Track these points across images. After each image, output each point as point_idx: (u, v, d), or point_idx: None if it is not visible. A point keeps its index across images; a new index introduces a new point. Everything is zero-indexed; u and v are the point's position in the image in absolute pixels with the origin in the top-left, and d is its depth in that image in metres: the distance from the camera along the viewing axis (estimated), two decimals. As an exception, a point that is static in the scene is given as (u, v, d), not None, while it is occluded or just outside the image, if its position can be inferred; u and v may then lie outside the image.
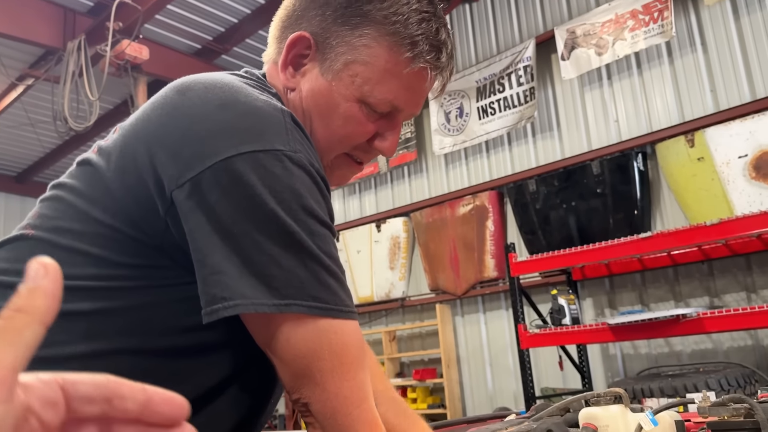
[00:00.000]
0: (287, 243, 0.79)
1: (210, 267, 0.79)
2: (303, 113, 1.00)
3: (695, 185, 5.00)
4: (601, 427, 1.20)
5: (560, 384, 5.73)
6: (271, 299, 0.78)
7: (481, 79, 6.54)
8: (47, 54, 6.85)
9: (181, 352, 0.88)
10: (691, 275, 5.12)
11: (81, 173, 0.93)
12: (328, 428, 0.81)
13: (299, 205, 0.81)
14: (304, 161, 0.83)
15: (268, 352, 0.84)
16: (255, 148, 0.80)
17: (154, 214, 0.84)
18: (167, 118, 0.86)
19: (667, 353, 5.20)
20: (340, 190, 8.03)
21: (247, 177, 0.79)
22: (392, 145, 1.05)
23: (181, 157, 0.82)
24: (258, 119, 0.83)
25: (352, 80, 0.97)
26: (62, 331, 0.83)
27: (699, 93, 5.20)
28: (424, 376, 6.64)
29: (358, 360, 0.84)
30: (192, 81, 0.90)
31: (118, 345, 0.84)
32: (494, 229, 6.38)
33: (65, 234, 0.88)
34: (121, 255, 0.86)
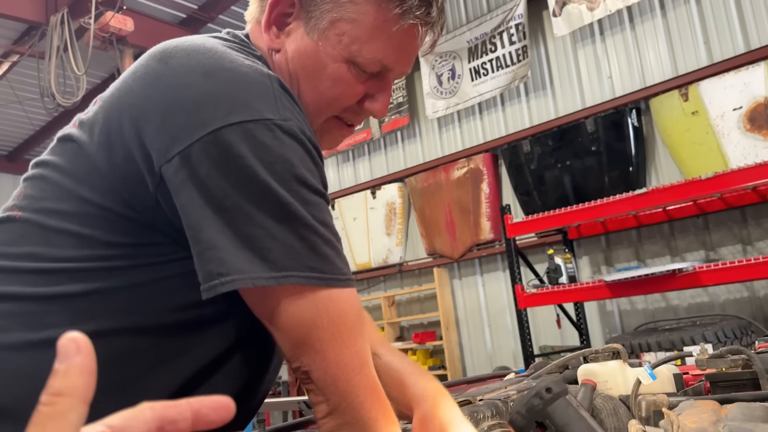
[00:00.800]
0: (281, 214, 0.78)
1: (204, 242, 0.78)
2: (289, 75, 0.97)
3: (690, 139, 4.98)
4: (599, 382, 1.21)
5: (558, 342, 5.79)
6: (268, 272, 0.77)
7: (472, 39, 6.45)
8: (31, 29, 6.72)
9: (180, 327, 0.87)
10: (686, 230, 5.14)
11: (63, 150, 0.90)
12: (329, 395, 0.81)
13: (292, 175, 0.79)
14: (295, 129, 0.81)
15: (266, 323, 0.83)
16: (244, 118, 0.78)
17: (143, 191, 0.82)
18: (151, 89, 0.82)
19: (663, 308, 5.25)
20: (334, 157, 7.98)
21: (237, 149, 0.76)
22: (383, 105, 1.01)
23: (167, 131, 0.79)
24: (245, 86, 0.80)
25: (339, 39, 0.93)
26: (57, 313, 0.83)
27: (692, 46, 5.14)
28: (424, 339, 6.71)
29: (357, 327, 0.83)
30: (173, 47, 0.86)
31: (116, 324, 0.84)
32: (489, 191, 6.37)
33: (53, 215, 0.86)
34: (112, 234, 0.84)
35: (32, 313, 0.83)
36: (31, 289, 0.84)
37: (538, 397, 0.71)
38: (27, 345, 0.82)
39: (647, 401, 0.89)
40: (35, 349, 0.81)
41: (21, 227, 0.88)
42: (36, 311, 0.83)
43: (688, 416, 0.78)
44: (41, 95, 6.45)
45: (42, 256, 0.85)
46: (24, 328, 0.82)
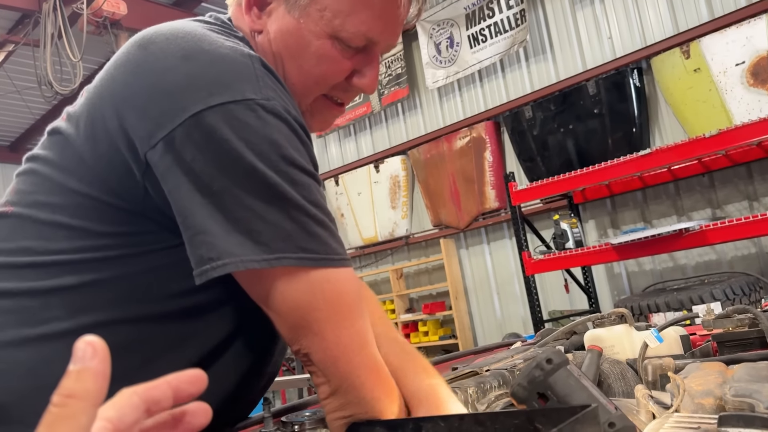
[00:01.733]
0: (270, 196, 0.76)
1: (194, 228, 0.77)
2: (273, 56, 0.95)
3: (692, 97, 4.92)
4: (606, 347, 1.21)
5: (567, 306, 5.81)
6: (260, 254, 0.75)
7: (469, 5, 6.36)
8: (24, 18, 6.66)
9: (178, 315, 0.87)
10: (692, 189, 5.11)
11: (52, 143, 0.90)
12: (330, 376, 0.80)
13: (279, 155, 0.77)
14: (279, 108, 0.79)
15: (263, 306, 0.82)
16: (225, 99, 0.76)
17: (131, 179, 0.82)
18: (131, 77, 0.82)
19: (671, 268, 5.25)
20: (335, 133, 7.95)
21: (220, 131, 0.75)
22: (372, 80, 0.98)
23: (150, 116, 0.78)
24: (225, 68, 0.79)
25: (321, 15, 0.90)
26: (54, 307, 0.83)
27: (692, 2, 5.05)
28: (434, 310, 6.75)
29: (355, 307, 0.82)
30: (153, 33, 0.85)
31: (113, 315, 0.84)
32: (492, 159, 6.34)
33: (44, 208, 0.86)
34: (103, 224, 0.84)
35: (29, 309, 0.83)
36: (27, 284, 0.84)
37: (539, 368, 0.71)
38: (25, 341, 0.82)
39: (653, 365, 0.89)
40: (34, 344, 0.82)
41: (13, 222, 0.88)
42: (33, 306, 0.83)
43: (694, 379, 0.78)
44: (39, 84, 6.43)
45: (35, 249, 0.85)
46: (21, 324, 0.83)
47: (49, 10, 6.01)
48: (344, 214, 7.74)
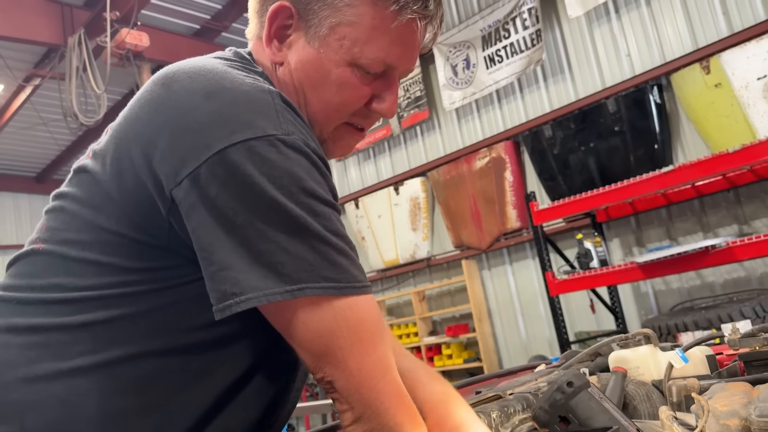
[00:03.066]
0: (292, 228, 0.78)
1: (217, 264, 0.79)
2: (295, 87, 0.98)
3: (714, 113, 4.87)
4: (631, 368, 1.19)
5: (594, 327, 5.72)
6: (283, 286, 0.77)
7: (485, 27, 6.40)
8: (50, 52, 6.85)
9: (204, 347, 0.88)
10: (717, 205, 5.03)
11: (79, 181, 0.93)
12: (354, 403, 0.81)
13: (299, 188, 0.80)
14: (299, 143, 0.82)
15: (286, 337, 0.84)
16: (247, 136, 0.79)
17: (157, 215, 0.84)
18: (155, 115, 0.84)
19: (699, 285, 5.15)
20: (355, 156, 7.99)
21: (243, 167, 0.78)
22: (392, 105, 1.01)
23: (175, 154, 0.80)
24: (246, 105, 0.82)
25: (340, 44, 0.93)
26: (85, 341, 0.85)
27: (711, 17, 5.03)
28: (457, 332, 6.69)
29: (377, 333, 0.83)
30: (175, 71, 0.88)
31: (141, 348, 0.85)
32: (513, 179, 6.32)
33: (74, 245, 0.88)
34: (130, 260, 0.86)
35: (61, 343, 0.85)
36: (58, 320, 0.86)
37: (560, 391, 0.70)
38: (58, 374, 0.84)
39: (678, 386, 0.88)
40: (66, 377, 0.84)
41: (44, 259, 0.91)
42: (65, 341, 0.85)
43: (719, 399, 0.76)
44: (64, 116, 6.58)
45: (66, 286, 0.87)
46: (55, 358, 0.85)
47: (74, 44, 6.17)
48: (365, 237, 7.75)
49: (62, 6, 6.36)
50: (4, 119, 7.88)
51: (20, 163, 9.68)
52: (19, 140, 8.67)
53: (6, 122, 7.92)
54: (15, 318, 0.88)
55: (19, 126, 8.16)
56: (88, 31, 6.22)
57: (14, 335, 0.87)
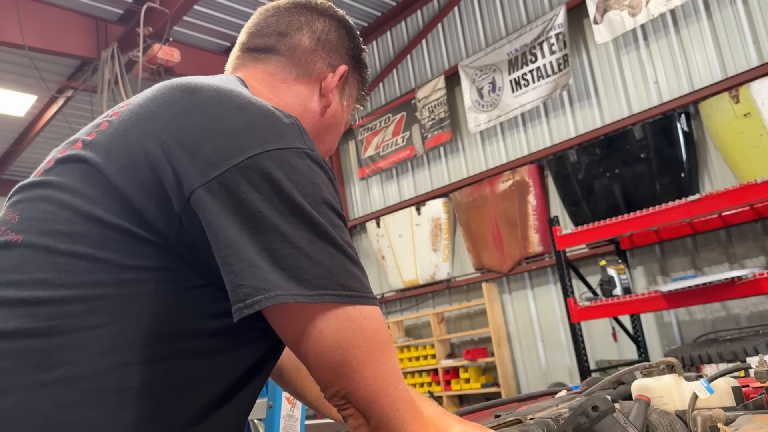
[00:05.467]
0: (315, 235, 0.81)
1: (246, 261, 0.79)
2: (323, 125, 1.19)
3: (743, 142, 4.81)
4: (655, 397, 1.16)
5: (615, 355, 5.63)
6: (304, 290, 0.79)
7: (512, 51, 6.42)
8: (83, 65, 7.01)
9: (195, 357, 0.86)
10: (744, 235, 4.95)
11: (69, 170, 0.88)
12: (370, 413, 0.82)
13: (321, 199, 0.84)
14: (321, 159, 0.88)
15: (300, 348, 0.82)
16: (280, 146, 0.83)
17: (168, 212, 0.83)
18: (180, 117, 0.86)
19: (724, 317, 5.06)
20: (378, 175, 8.02)
21: (275, 173, 0.81)
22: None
23: (201, 155, 0.82)
24: (276, 121, 0.87)
25: (348, 104, 1.25)
26: (71, 350, 0.80)
27: (741, 46, 4.99)
28: (476, 356, 6.62)
29: (388, 343, 0.85)
30: (199, 82, 0.92)
31: (130, 358, 0.81)
32: (536, 203, 6.28)
33: (63, 238, 0.83)
34: (128, 257, 0.82)
35: (43, 351, 0.79)
36: (41, 324, 0.80)
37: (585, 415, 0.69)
38: (40, 385, 0.78)
39: (703, 416, 0.86)
40: (49, 389, 0.78)
41: (23, 252, 0.84)
42: (47, 348, 0.79)
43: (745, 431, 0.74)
44: (95, 128, 6.69)
45: (51, 282, 0.81)
46: (36, 368, 0.78)
47: (107, 58, 6.30)
48: (385, 257, 7.74)
49: (97, 20, 6.51)
50: (36, 129, 8.05)
51: (49, 173, 9.86)
52: (50, 151, 8.81)
53: (38, 132, 8.09)
54: None
55: (50, 136, 8.33)
56: (121, 46, 6.35)
57: None
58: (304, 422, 1.85)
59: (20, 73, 6.90)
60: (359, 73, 1.26)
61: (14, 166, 9.32)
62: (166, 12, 5.93)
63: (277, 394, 1.74)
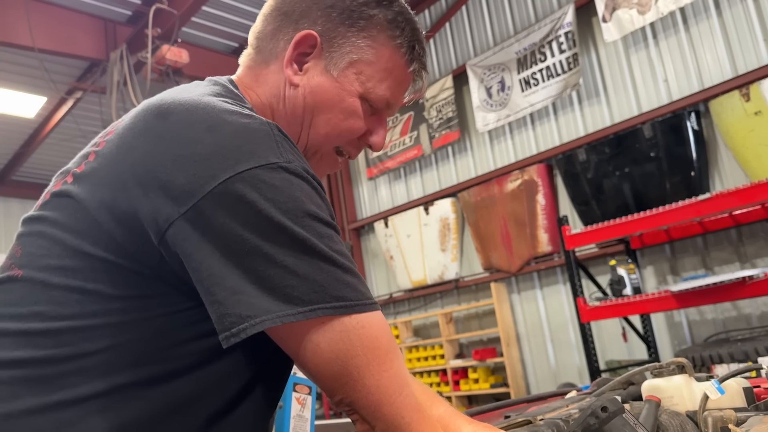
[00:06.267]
0: (300, 250, 0.80)
1: (229, 289, 0.79)
2: (304, 108, 1.05)
3: (754, 141, 4.77)
4: (664, 398, 1.15)
5: (625, 356, 5.60)
6: (295, 308, 0.78)
7: (521, 50, 6.40)
8: (92, 66, 7.05)
9: (190, 377, 0.87)
10: (755, 235, 4.91)
11: (60, 205, 0.91)
12: (374, 421, 0.82)
13: (303, 212, 0.82)
14: (299, 169, 0.84)
15: (299, 363, 0.84)
16: (251, 165, 0.81)
17: (147, 245, 0.83)
18: (153, 146, 0.84)
19: (735, 317, 5.02)
20: (386, 175, 8.01)
21: (249, 195, 0.79)
22: (382, 139, 1.13)
23: (175, 186, 0.80)
24: (248, 137, 0.83)
25: (357, 77, 1.04)
26: (70, 375, 0.83)
27: (751, 44, 4.95)
28: (484, 356, 6.60)
29: (391, 349, 0.84)
30: (170, 103, 0.88)
31: (127, 379, 0.84)
32: (545, 202, 6.26)
33: (56, 272, 0.86)
34: (117, 288, 0.84)
35: (44, 377, 0.83)
36: (41, 353, 0.84)
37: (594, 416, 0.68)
38: (42, 408, 0.82)
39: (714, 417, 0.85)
40: (51, 411, 0.82)
41: (23, 286, 0.88)
42: (48, 375, 0.83)
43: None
44: (103, 129, 6.73)
45: (48, 314, 0.85)
46: (37, 392, 0.82)
47: (116, 59, 6.33)
48: (393, 257, 7.74)
49: (106, 22, 6.54)
50: (46, 131, 8.10)
51: (59, 174, 9.92)
52: (59, 152, 8.89)
53: (47, 134, 8.14)
54: None
55: (59, 137, 8.38)
56: (129, 47, 6.39)
57: None
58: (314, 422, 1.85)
59: (30, 74, 6.94)
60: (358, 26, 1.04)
61: (24, 168, 9.39)
62: (175, 13, 5.95)
63: (287, 395, 1.74)
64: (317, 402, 6.97)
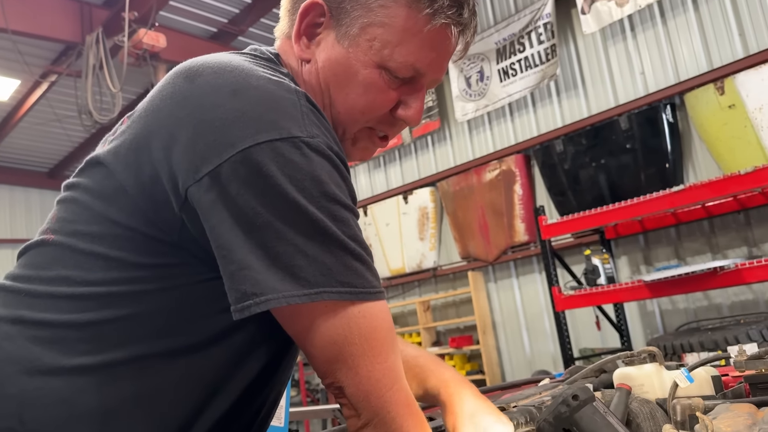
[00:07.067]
0: (312, 231, 0.78)
1: (237, 263, 0.78)
2: (320, 86, 0.97)
3: (727, 134, 4.86)
4: (636, 386, 1.18)
5: (598, 344, 5.70)
6: (301, 289, 0.77)
7: (500, 41, 6.42)
8: (67, 49, 6.91)
9: (210, 350, 0.87)
10: (727, 226, 5.01)
11: (92, 172, 0.91)
12: (361, 410, 0.81)
13: (321, 192, 0.79)
14: (323, 146, 0.81)
15: (298, 340, 0.83)
16: (272, 137, 0.78)
17: (169, 211, 0.83)
18: (178, 109, 0.83)
19: (706, 306, 5.13)
20: (365, 164, 8.02)
21: (266, 167, 0.77)
22: (417, 113, 0.99)
23: (195, 151, 0.79)
24: (272, 105, 0.80)
25: (371, 44, 0.92)
26: (90, 340, 0.84)
27: (727, 38, 5.03)
28: (461, 344, 6.67)
29: (389, 342, 0.83)
30: (200, 65, 0.86)
31: (145, 350, 0.84)
32: (522, 192, 6.31)
33: (84, 237, 0.87)
34: (140, 256, 0.84)
35: (65, 340, 0.84)
36: (65, 317, 0.85)
37: (565, 404, 0.70)
38: (60, 371, 0.83)
39: (682, 405, 0.88)
40: (68, 375, 0.83)
41: (54, 250, 0.89)
42: (69, 338, 0.84)
43: (723, 420, 0.76)
44: (79, 113, 6.63)
45: (73, 279, 0.86)
46: (58, 354, 0.83)
47: (92, 43, 6.23)
48: (372, 245, 7.76)
49: (81, 4, 6.42)
50: (20, 114, 7.95)
51: (33, 158, 9.75)
52: (33, 135, 8.74)
53: (21, 117, 7.99)
54: (22, 310, 0.86)
55: (33, 121, 8.23)
56: (106, 30, 6.28)
57: (20, 328, 0.85)
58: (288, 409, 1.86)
59: (3, 57, 6.80)
60: None
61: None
62: (152, -4, 5.86)
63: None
64: (294, 389, 6.97)
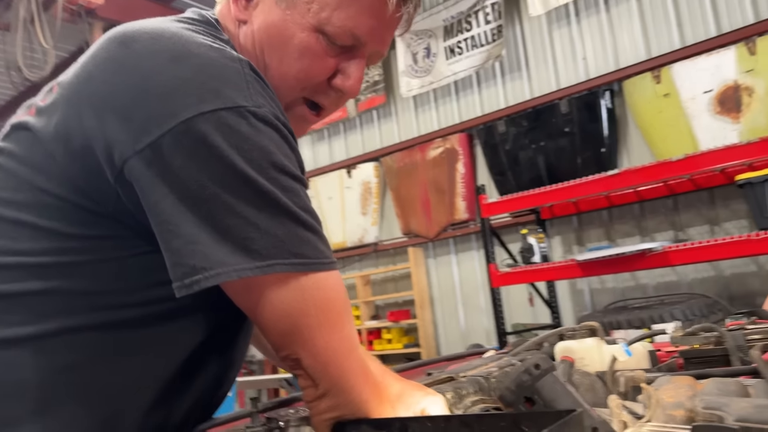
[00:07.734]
0: (262, 203, 0.76)
1: (183, 237, 0.74)
2: (254, 49, 0.94)
3: (661, 121, 5.05)
4: (576, 359, 1.24)
5: (530, 320, 5.88)
6: (252, 262, 0.75)
7: (448, 18, 6.44)
8: (-5, 0, 6.52)
9: (144, 323, 0.85)
10: (656, 210, 5.24)
11: (19, 138, 0.87)
12: (320, 381, 0.80)
13: (269, 163, 0.77)
14: (269, 116, 0.79)
15: (251, 315, 0.82)
16: (217, 106, 0.75)
17: (103, 182, 0.79)
18: (113, 76, 0.79)
19: (633, 287, 5.36)
20: (309, 136, 7.93)
21: (211, 138, 0.74)
22: (355, 83, 0.97)
23: (133, 121, 0.75)
24: (215, 72, 0.77)
25: (308, 7, 0.90)
26: (18, 312, 0.80)
27: (665, 29, 5.20)
28: (399, 318, 6.77)
29: (344, 311, 0.83)
30: (135, 30, 0.82)
31: (78, 322, 0.81)
32: (465, 171, 6.40)
33: (9, 205, 0.83)
34: (71, 226, 0.81)
35: None
36: None
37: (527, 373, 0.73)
38: None
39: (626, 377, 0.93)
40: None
41: None
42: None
43: (665, 391, 0.81)
44: (7, 68, 6.28)
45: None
46: None
47: (23, -5, 5.89)
48: (313, 218, 7.73)
49: (12, -47, 6.06)
50: (-59, 67, 7.47)
51: (-46, 115, 9.21)
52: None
53: (-58, 70, 7.51)
54: None
55: (-44, 75, 7.75)
56: (39, -17, 5.95)
57: None
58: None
59: (-77, 4, 6.36)
60: None
61: None
62: (90, -51, 5.59)
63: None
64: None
